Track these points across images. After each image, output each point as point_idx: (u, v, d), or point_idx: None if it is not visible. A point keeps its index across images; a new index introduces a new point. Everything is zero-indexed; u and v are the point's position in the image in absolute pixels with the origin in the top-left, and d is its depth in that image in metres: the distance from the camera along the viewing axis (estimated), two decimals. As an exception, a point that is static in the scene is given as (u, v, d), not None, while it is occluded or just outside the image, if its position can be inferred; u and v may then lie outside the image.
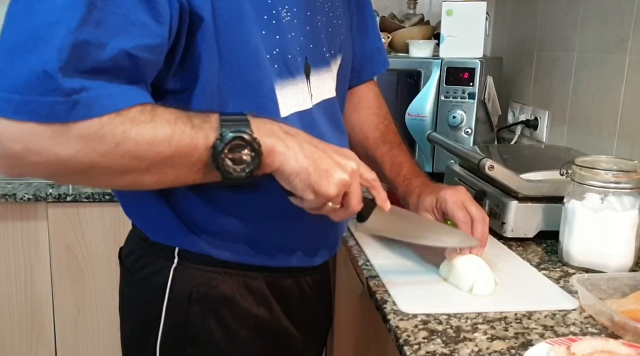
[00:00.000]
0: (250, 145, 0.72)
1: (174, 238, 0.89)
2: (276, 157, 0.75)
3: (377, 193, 0.86)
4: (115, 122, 0.67)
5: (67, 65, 0.63)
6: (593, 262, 1.07)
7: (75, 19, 0.63)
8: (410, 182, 1.10)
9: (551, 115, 1.80)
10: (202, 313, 0.89)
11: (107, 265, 1.79)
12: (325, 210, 0.81)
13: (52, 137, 0.64)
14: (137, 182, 0.73)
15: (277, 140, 0.75)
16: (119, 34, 0.66)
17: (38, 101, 0.63)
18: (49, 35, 0.63)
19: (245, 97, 0.82)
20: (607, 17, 1.52)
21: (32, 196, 1.69)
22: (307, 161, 0.76)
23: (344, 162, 0.79)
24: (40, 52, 0.62)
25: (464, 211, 1.02)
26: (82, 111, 0.64)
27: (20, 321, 1.80)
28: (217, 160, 0.72)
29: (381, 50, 1.22)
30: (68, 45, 0.63)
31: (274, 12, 0.83)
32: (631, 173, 1.04)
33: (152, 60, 0.71)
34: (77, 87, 0.64)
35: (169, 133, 0.70)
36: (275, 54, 0.83)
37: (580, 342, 0.77)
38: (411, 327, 0.86)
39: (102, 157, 0.67)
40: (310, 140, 0.79)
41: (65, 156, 0.66)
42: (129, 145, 0.68)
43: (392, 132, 1.17)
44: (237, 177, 0.73)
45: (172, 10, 0.71)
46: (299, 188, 0.77)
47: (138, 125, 0.68)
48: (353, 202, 0.81)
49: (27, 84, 0.62)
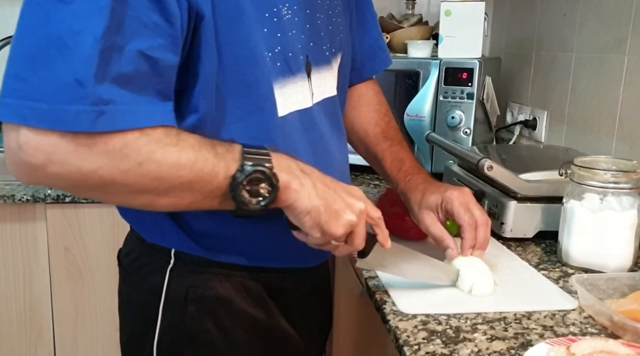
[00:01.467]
0: (269, 180, 0.74)
1: (169, 240, 0.89)
2: (291, 194, 0.76)
3: (381, 232, 0.88)
4: (140, 142, 0.67)
5: (98, 73, 0.63)
6: (592, 262, 1.07)
7: (101, 27, 0.63)
8: (411, 178, 1.09)
9: (550, 115, 1.80)
10: (198, 314, 0.89)
11: (105, 267, 1.78)
12: (328, 247, 0.82)
13: (77, 151, 0.65)
14: (152, 203, 0.74)
15: (294, 177, 0.76)
16: (134, 37, 0.67)
17: (65, 110, 0.63)
18: (75, 43, 0.63)
19: (243, 95, 0.82)
20: (605, 17, 1.52)
21: (30, 197, 1.68)
22: (320, 201, 0.77)
23: (353, 203, 0.81)
24: (68, 60, 0.63)
25: (470, 214, 1.01)
26: (106, 123, 0.65)
27: (19, 323, 1.80)
28: (235, 190, 0.73)
29: (383, 47, 1.21)
30: (96, 54, 0.63)
31: (275, 9, 0.83)
32: (630, 173, 1.04)
33: (168, 61, 0.71)
34: (105, 98, 0.64)
35: (192, 158, 0.71)
36: (277, 52, 0.83)
37: (580, 342, 0.77)
38: (411, 328, 0.86)
39: (124, 174, 0.68)
40: (324, 179, 0.81)
41: (87, 170, 0.66)
42: (151, 166, 0.68)
43: (393, 129, 1.17)
44: (252, 209, 0.74)
45: (181, 10, 0.71)
46: (307, 226, 0.78)
47: (163, 148, 0.69)
48: (357, 240, 0.83)
49: (55, 93, 0.63)
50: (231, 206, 0.75)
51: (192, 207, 0.76)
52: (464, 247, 1.01)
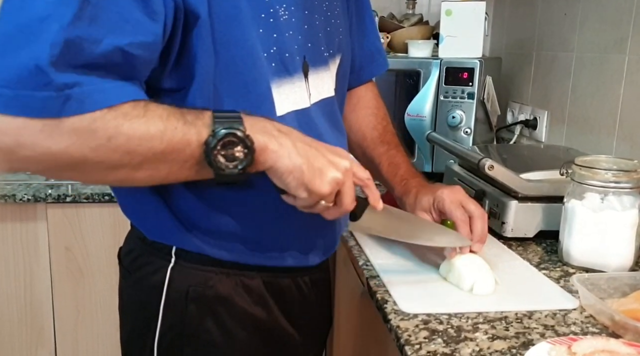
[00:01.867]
0: (243, 142, 0.72)
1: (170, 236, 0.89)
2: (269, 155, 0.75)
3: (370, 192, 0.87)
4: (107, 117, 0.67)
5: (59, 61, 0.63)
6: (593, 262, 1.07)
7: (68, 15, 0.63)
8: (407, 182, 1.10)
9: (550, 115, 1.80)
10: (198, 313, 0.89)
11: (106, 266, 1.79)
12: (318, 208, 0.81)
13: (44, 131, 0.64)
14: (129, 178, 0.73)
15: (271, 138, 0.75)
16: (113, 31, 0.67)
17: (30, 96, 0.63)
18: (40, 30, 0.63)
19: (241, 95, 0.82)
20: (605, 17, 1.52)
21: (31, 197, 1.68)
22: (301, 159, 0.76)
23: (337, 161, 0.80)
24: (31, 47, 0.62)
25: (462, 209, 1.02)
26: (75, 106, 0.64)
27: (20, 322, 1.80)
28: (209, 156, 0.72)
29: (381, 51, 1.22)
30: (60, 41, 0.63)
31: (272, 10, 0.83)
32: (631, 172, 1.04)
33: (146, 58, 0.71)
34: (69, 82, 0.64)
35: (161, 128, 0.70)
36: (273, 52, 0.83)
37: (581, 341, 0.77)
38: (412, 327, 0.86)
39: (94, 151, 0.67)
40: (304, 138, 0.79)
41: (57, 150, 0.66)
42: (121, 140, 0.68)
43: (390, 133, 1.18)
44: (229, 173, 0.73)
45: (166, 9, 0.71)
46: (292, 187, 0.77)
47: (130, 120, 0.68)
48: (346, 200, 0.81)
49: (18, 79, 0.62)
50: (209, 174, 0.74)
51: (169, 178, 0.75)
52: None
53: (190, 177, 0.76)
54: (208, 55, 0.78)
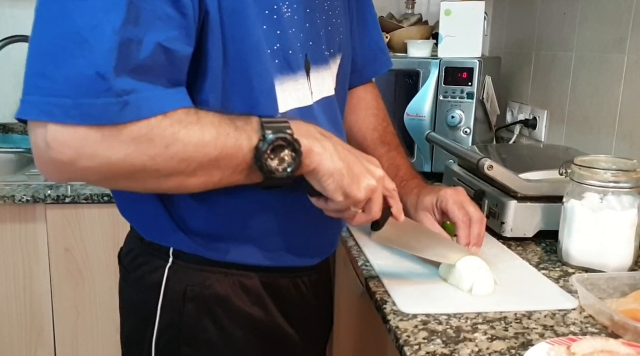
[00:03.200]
0: (292, 146, 0.75)
1: (167, 238, 0.90)
2: (314, 157, 0.77)
3: (395, 204, 0.89)
4: (163, 124, 0.68)
5: (118, 65, 0.64)
6: (592, 262, 1.07)
7: (118, 20, 0.64)
8: (407, 183, 1.11)
9: (550, 114, 1.80)
10: (196, 313, 0.89)
11: (106, 267, 1.78)
12: (347, 214, 0.83)
13: (104, 141, 0.65)
14: (183, 185, 0.75)
15: (315, 141, 0.77)
16: (150, 29, 0.68)
17: (91, 103, 0.63)
18: (94, 37, 0.63)
19: (246, 90, 0.82)
20: (605, 16, 1.52)
21: (30, 197, 1.68)
22: (342, 163, 0.78)
23: (372, 169, 0.82)
24: (88, 54, 0.63)
25: (464, 211, 1.03)
26: (132, 112, 0.66)
27: (20, 323, 1.79)
28: (260, 160, 0.74)
29: (384, 49, 1.22)
30: (115, 46, 0.64)
31: (275, 7, 0.83)
32: (630, 172, 1.04)
33: (184, 52, 0.73)
34: (127, 89, 0.65)
35: (214, 134, 0.72)
36: (276, 49, 0.84)
37: (580, 342, 0.77)
38: (411, 327, 0.86)
39: (152, 159, 0.69)
40: (343, 143, 0.82)
41: (116, 159, 0.67)
42: (178, 147, 0.69)
43: (391, 134, 1.18)
44: (279, 176, 0.75)
45: (193, 2, 0.72)
46: (330, 189, 0.79)
47: (186, 127, 0.70)
48: (375, 208, 0.84)
49: (78, 87, 0.63)
50: (258, 177, 0.76)
51: (221, 183, 0.77)
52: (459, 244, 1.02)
53: (240, 181, 0.77)
54: (218, 50, 0.79)
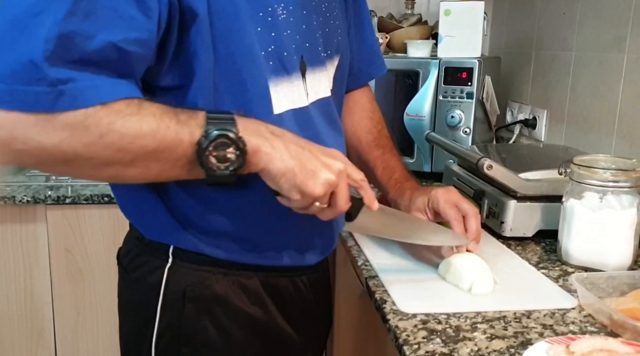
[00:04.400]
0: (235, 144, 0.73)
1: (168, 235, 0.90)
2: (262, 157, 0.75)
3: (365, 193, 0.87)
4: (100, 114, 0.67)
5: (53, 56, 0.63)
6: (592, 261, 1.07)
7: (62, 10, 0.64)
8: (401, 186, 1.11)
9: (549, 114, 1.80)
10: (196, 313, 0.90)
11: (106, 267, 1.79)
12: (312, 209, 0.81)
13: (37, 125, 0.65)
14: (120, 175, 0.74)
15: (263, 140, 0.76)
16: (108, 27, 0.67)
17: (23, 90, 0.63)
18: (34, 25, 0.63)
19: (239, 93, 0.82)
20: (604, 16, 1.52)
21: (31, 198, 1.68)
22: (293, 161, 0.76)
23: (330, 162, 0.80)
24: (26, 42, 0.63)
25: (456, 209, 1.03)
26: (68, 102, 0.65)
27: (20, 324, 1.80)
28: (201, 156, 0.72)
29: (379, 54, 1.23)
30: (54, 36, 0.63)
31: (270, 9, 0.83)
32: (629, 172, 1.04)
33: (141, 55, 0.72)
34: (63, 78, 0.64)
35: (154, 127, 0.70)
36: (271, 51, 0.84)
37: (580, 341, 0.77)
38: (410, 327, 0.86)
39: (86, 147, 0.68)
40: (297, 140, 0.80)
41: (49, 145, 0.66)
42: (113, 137, 0.68)
43: (385, 137, 1.18)
44: (220, 174, 0.74)
45: (161, 5, 0.71)
46: (285, 189, 0.78)
47: (124, 118, 0.68)
48: (340, 201, 0.82)
49: (12, 74, 0.63)
50: (201, 174, 0.74)
51: (161, 176, 0.76)
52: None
53: (182, 176, 0.76)
54: (208, 52, 0.78)
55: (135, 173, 0.74)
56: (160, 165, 0.73)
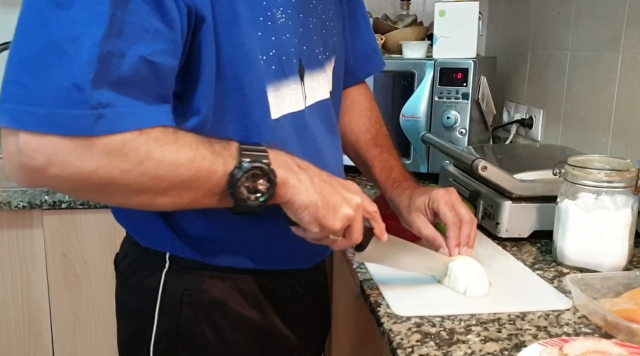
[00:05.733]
0: (267, 176, 0.74)
1: (163, 244, 0.90)
2: (289, 189, 0.77)
3: (377, 225, 0.89)
4: (139, 141, 0.67)
5: (96, 78, 0.64)
6: (587, 262, 1.06)
7: (100, 32, 0.64)
8: (399, 185, 1.11)
9: (546, 113, 1.80)
10: (193, 317, 0.90)
11: (103, 272, 1.78)
12: (326, 241, 0.83)
13: (76, 151, 0.65)
14: (152, 203, 0.74)
15: (291, 173, 0.77)
16: (136, 42, 0.67)
17: (64, 114, 0.63)
18: (74, 49, 0.63)
19: (237, 98, 0.82)
20: (599, 15, 1.52)
21: (27, 203, 1.68)
22: (317, 196, 0.78)
23: (350, 197, 0.82)
24: (66, 65, 0.63)
25: (455, 212, 1.03)
26: (106, 126, 0.65)
27: (18, 329, 1.79)
28: (233, 187, 0.73)
29: (376, 50, 1.22)
30: (95, 58, 0.63)
31: (269, 13, 0.83)
32: (624, 172, 1.03)
33: (170, 66, 0.72)
34: (104, 102, 0.65)
35: (190, 156, 0.71)
36: (272, 55, 0.84)
37: (573, 343, 0.76)
38: (404, 330, 0.86)
39: (123, 174, 0.68)
40: (320, 174, 0.81)
41: (86, 171, 0.66)
42: (151, 165, 0.69)
43: (384, 136, 1.18)
44: (250, 205, 0.75)
45: (181, 15, 0.72)
46: (305, 221, 0.79)
47: (162, 146, 0.69)
48: (355, 234, 0.84)
49: (53, 97, 0.63)
50: (230, 203, 0.75)
51: (191, 205, 0.76)
52: (449, 246, 1.02)
53: (212, 205, 0.76)
54: (211, 58, 0.78)
55: (167, 202, 0.74)
56: (193, 194, 0.74)
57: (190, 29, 0.75)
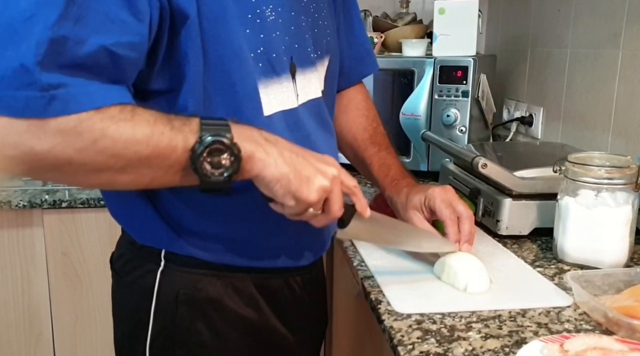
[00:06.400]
0: (230, 150, 0.72)
1: (159, 240, 0.89)
2: (255, 163, 0.75)
3: (358, 200, 0.87)
4: (94, 119, 0.66)
5: (44, 60, 0.63)
6: (587, 259, 1.06)
7: (53, 15, 0.63)
8: (397, 183, 1.11)
9: (546, 111, 1.80)
10: (189, 315, 0.89)
11: (103, 270, 1.77)
12: (306, 216, 0.81)
13: (29, 131, 0.64)
14: (112, 181, 0.73)
15: (257, 146, 0.75)
16: (99, 31, 0.66)
17: (13, 96, 0.62)
18: (25, 30, 0.62)
19: (229, 95, 0.82)
20: (599, 12, 1.52)
21: (27, 203, 1.68)
22: (288, 168, 0.76)
23: (324, 169, 0.80)
24: (16, 46, 0.62)
25: (451, 209, 1.03)
26: (59, 107, 0.64)
27: (19, 328, 1.80)
28: (195, 163, 0.72)
29: (370, 52, 1.22)
30: (46, 40, 0.63)
31: (258, 11, 0.83)
32: (624, 168, 1.03)
33: (133, 58, 0.71)
34: (54, 83, 0.64)
35: (147, 133, 0.69)
36: (260, 52, 0.83)
37: (574, 339, 0.76)
38: (405, 327, 0.85)
39: (79, 153, 0.67)
40: (291, 147, 0.79)
41: (41, 151, 0.65)
42: (106, 143, 0.67)
43: (381, 134, 1.18)
44: (214, 180, 0.73)
45: (151, 9, 0.71)
46: (279, 195, 0.77)
47: (117, 123, 0.68)
48: (334, 207, 0.81)
49: (1, 79, 0.62)
50: (195, 180, 0.74)
51: (154, 183, 0.75)
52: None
53: (175, 182, 0.75)
54: (197, 55, 0.78)
55: (127, 180, 0.73)
56: (153, 172, 0.73)
57: (164, 25, 0.74)
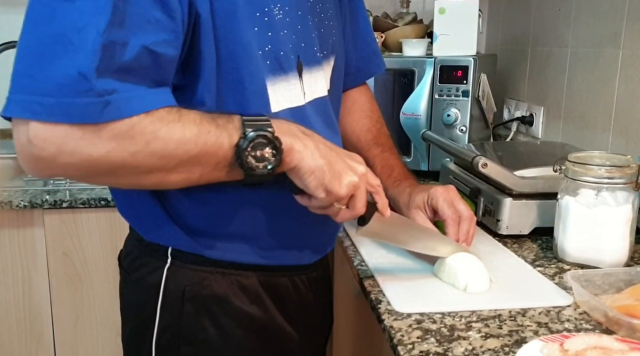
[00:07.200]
0: (272, 143, 0.76)
1: (166, 237, 0.90)
2: (294, 155, 0.78)
3: (380, 199, 0.90)
4: (145, 122, 0.70)
5: (100, 67, 0.65)
6: (588, 258, 1.06)
7: (103, 22, 0.66)
8: (400, 184, 1.12)
9: (546, 111, 1.80)
10: (195, 313, 0.90)
11: (104, 270, 1.78)
12: (331, 210, 0.84)
13: (85, 138, 0.67)
14: (163, 181, 0.76)
15: (296, 139, 0.79)
16: (137, 32, 0.69)
17: (72, 103, 0.65)
18: (80, 39, 0.65)
19: (238, 91, 0.83)
20: (599, 11, 1.52)
21: (28, 203, 1.68)
22: (323, 160, 0.79)
23: (354, 165, 0.83)
24: (72, 55, 0.65)
25: (454, 209, 1.04)
26: (114, 112, 0.67)
27: (19, 328, 1.80)
28: (240, 157, 0.75)
29: (377, 52, 1.23)
30: (99, 48, 0.65)
31: (266, 9, 0.84)
32: (624, 168, 1.03)
33: (171, 56, 0.74)
34: (109, 88, 0.67)
35: (195, 132, 0.73)
36: (267, 50, 0.85)
37: (574, 338, 0.76)
38: (405, 327, 0.85)
39: (133, 156, 0.70)
40: (325, 141, 0.83)
41: (97, 156, 0.68)
42: (158, 144, 0.71)
43: (384, 135, 1.19)
44: (259, 173, 0.76)
45: (182, 6, 0.74)
46: (312, 186, 0.80)
47: (167, 125, 0.71)
48: (359, 204, 0.84)
49: (60, 87, 0.65)
50: (239, 175, 0.77)
51: (202, 180, 0.78)
52: None
53: (221, 178, 0.79)
54: (210, 51, 0.80)
55: (177, 179, 0.76)
56: (202, 169, 0.76)
57: (191, 21, 0.76)
